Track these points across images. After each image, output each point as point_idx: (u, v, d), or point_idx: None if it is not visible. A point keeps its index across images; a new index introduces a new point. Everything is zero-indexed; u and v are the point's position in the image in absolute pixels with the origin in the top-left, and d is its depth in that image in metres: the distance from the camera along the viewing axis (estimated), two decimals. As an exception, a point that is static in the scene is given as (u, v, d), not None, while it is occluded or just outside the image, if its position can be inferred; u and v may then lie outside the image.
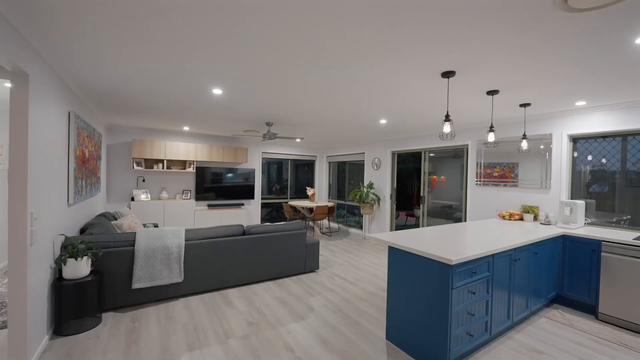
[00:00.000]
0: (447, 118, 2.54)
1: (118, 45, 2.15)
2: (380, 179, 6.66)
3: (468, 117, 4.20)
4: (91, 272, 2.83)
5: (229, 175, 7.01)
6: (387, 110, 3.90)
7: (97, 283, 2.74)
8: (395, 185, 6.48)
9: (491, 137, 3.08)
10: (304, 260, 4.16)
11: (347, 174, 8.24)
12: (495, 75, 2.58)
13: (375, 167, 6.79)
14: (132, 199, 5.83)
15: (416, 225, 9.29)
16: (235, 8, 1.70)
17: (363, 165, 7.38)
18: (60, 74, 2.77)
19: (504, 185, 4.38)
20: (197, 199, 6.58)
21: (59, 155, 2.77)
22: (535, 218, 4.00)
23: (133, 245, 3.13)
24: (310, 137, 6.60)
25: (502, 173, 4.46)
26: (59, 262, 2.57)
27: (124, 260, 3.05)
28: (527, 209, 4.03)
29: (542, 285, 3.09)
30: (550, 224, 3.71)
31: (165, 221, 5.96)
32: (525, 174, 4.17)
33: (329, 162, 8.80)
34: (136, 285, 3.05)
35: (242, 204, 7.21)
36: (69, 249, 2.64)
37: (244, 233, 3.80)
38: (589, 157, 3.82)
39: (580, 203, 3.53)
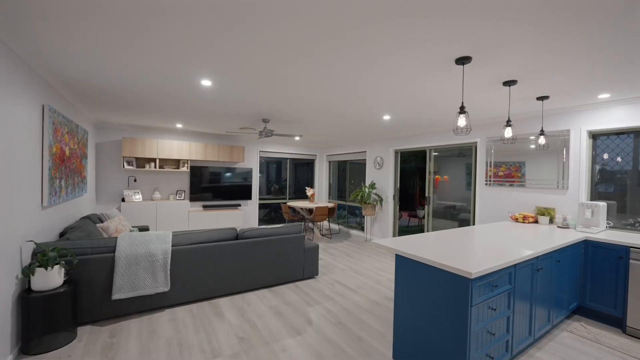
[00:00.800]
0: (462, 110, 2.26)
1: (103, 37, 1.87)
2: (383, 179, 6.37)
3: (478, 113, 3.91)
4: (65, 282, 2.55)
5: (225, 174, 6.73)
6: (392, 105, 3.62)
7: (71, 294, 2.47)
8: (398, 186, 6.20)
9: (508, 133, 2.80)
10: (302, 266, 3.88)
11: (348, 173, 7.96)
12: (514, 63, 2.30)
13: (377, 167, 6.51)
14: (123, 200, 5.56)
15: (419, 226, 9.00)
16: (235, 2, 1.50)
17: (364, 164, 7.09)
18: (30, 64, 2.50)
19: (510, 185, 4.10)
20: (192, 199, 6.31)
21: (30, 153, 2.50)
22: (552, 221, 3.71)
23: (114, 251, 2.85)
24: (310, 135, 6.32)
25: (507, 172, 4.20)
26: (26, 272, 2.30)
27: (103, 268, 2.77)
28: (543, 211, 3.74)
29: (563, 295, 2.80)
30: (568, 228, 3.42)
31: (158, 223, 5.68)
32: (534, 174, 3.90)
33: (329, 162, 8.52)
34: (116, 295, 2.77)
35: (239, 205, 6.94)
36: (39, 257, 2.36)
37: (237, 237, 3.52)
38: (605, 156, 3.56)
39: (602, 205, 3.24)
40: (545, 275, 2.53)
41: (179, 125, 5.52)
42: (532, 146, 3.96)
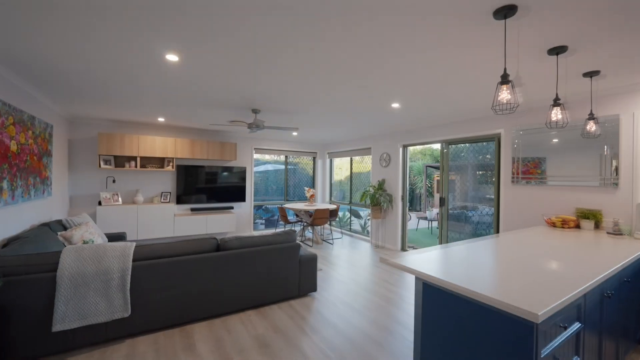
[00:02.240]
0: (505, 79, 1.64)
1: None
2: (390, 178, 5.75)
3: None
4: (-16, 312, 1.97)
5: (216, 174, 6.14)
6: (404, 87, 3.00)
7: (-11, 329, 1.89)
8: (407, 185, 5.58)
9: (556, 114, 2.17)
10: (297, 281, 3.28)
11: (352, 172, 7.34)
12: (570, 20, 1.68)
13: (384, 164, 5.89)
14: (100, 203, 4.99)
15: (429, 229, 8.37)
16: None
17: (369, 161, 6.48)
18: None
19: (527, 183, 3.49)
20: (179, 202, 5.73)
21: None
22: (597, 225, 3.07)
23: (56, 269, 2.27)
24: (307, 129, 5.71)
25: (524, 169, 3.62)
26: None
27: (41, 291, 2.19)
28: (586, 214, 3.10)
29: (631, 323, 2.18)
30: (621, 234, 2.78)
31: (139, 229, 5.11)
32: (560, 170, 3.35)
33: (331, 159, 7.91)
34: (58, 326, 2.18)
35: (232, 207, 6.35)
36: (-59, 282, 1.78)
37: (217, 248, 2.93)
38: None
39: (667, 206, 2.61)
40: (615, 302, 1.90)
41: (161, 119, 4.94)
42: (555, 140, 3.40)
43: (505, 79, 1.63)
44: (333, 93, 3.25)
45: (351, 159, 7.24)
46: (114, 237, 4.23)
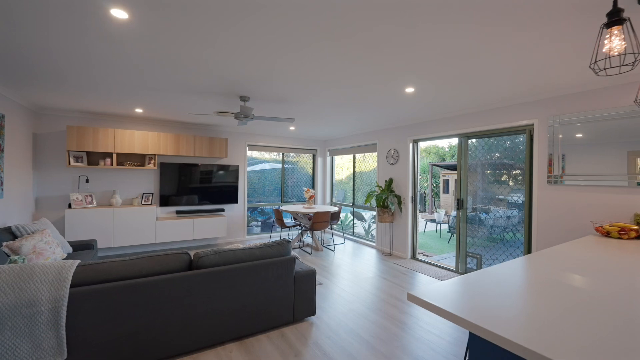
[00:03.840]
0: (615, 17, 1.03)
1: None
2: (398, 177, 5.14)
3: (540, 77, 2.68)
4: None
5: (205, 173, 5.54)
6: (424, 63, 2.39)
7: None
8: (417, 185, 4.97)
9: (651, 87, 1.55)
10: (291, 304, 2.67)
11: (354, 170, 6.73)
12: None
13: (391, 161, 5.27)
14: (70, 206, 4.39)
15: (438, 233, 7.76)
16: None
17: (372, 159, 5.87)
18: None
19: (568, 183, 2.91)
20: (162, 203, 5.13)
21: None
22: (665, 236, 2.46)
23: (-42, 301, 1.67)
24: (306, 123, 5.11)
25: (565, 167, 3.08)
26: None
27: None
28: (650, 221, 2.50)
29: None
30: (703, 248, 2.17)
31: (115, 235, 4.51)
32: (613, 167, 2.76)
33: (332, 157, 7.29)
34: (-44, 381, 1.59)
35: (222, 210, 5.74)
36: None
37: (190, 266, 2.32)
38: None
39: None
40: None
41: (138, 110, 4.34)
42: (579, 135, 2.88)
43: (615, 16, 1.01)
44: (338, 74, 2.64)
45: (354, 156, 6.63)
46: (80, 246, 3.64)
